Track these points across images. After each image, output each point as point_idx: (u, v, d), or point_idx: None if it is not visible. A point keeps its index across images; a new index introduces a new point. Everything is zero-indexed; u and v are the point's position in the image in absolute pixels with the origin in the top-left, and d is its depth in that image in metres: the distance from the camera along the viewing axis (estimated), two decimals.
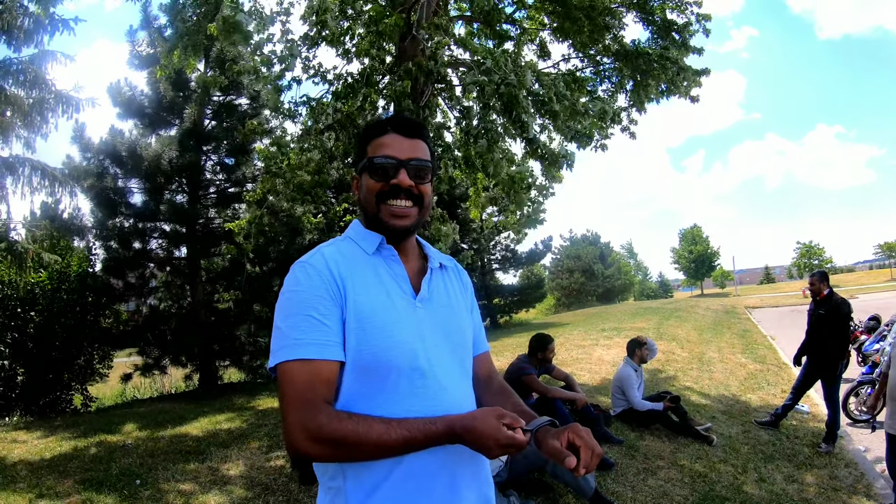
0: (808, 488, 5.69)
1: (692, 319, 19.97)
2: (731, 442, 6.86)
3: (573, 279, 50.70)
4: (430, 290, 1.61)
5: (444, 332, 1.58)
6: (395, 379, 1.44)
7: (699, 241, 68.51)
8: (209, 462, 5.93)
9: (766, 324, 20.02)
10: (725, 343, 14.76)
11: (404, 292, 1.55)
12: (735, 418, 7.94)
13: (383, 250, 1.58)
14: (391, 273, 1.56)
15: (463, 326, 1.68)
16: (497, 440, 1.34)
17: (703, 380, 10.19)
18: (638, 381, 7.13)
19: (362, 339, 1.43)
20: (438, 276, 1.69)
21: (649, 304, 32.31)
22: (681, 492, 5.33)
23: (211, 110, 13.67)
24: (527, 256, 30.14)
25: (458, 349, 1.62)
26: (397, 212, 1.57)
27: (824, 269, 7.35)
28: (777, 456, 6.57)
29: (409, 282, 1.58)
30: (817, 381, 7.27)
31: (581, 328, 17.48)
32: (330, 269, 1.48)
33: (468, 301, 1.79)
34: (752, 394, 9.42)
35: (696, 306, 26.31)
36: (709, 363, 11.80)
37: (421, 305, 1.56)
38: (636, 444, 6.50)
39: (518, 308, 30.22)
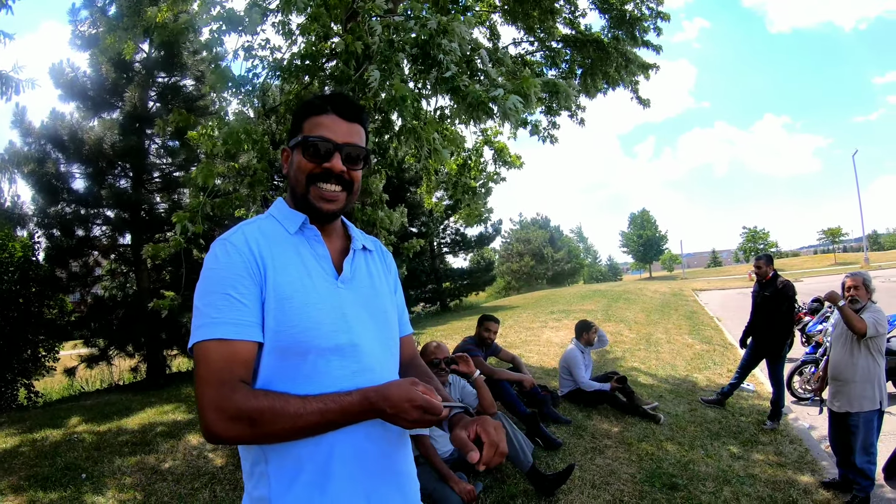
0: (754, 464, 5.93)
1: (640, 302, 20.44)
2: (678, 420, 7.10)
3: (523, 262, 51.38)
4: (352, 271, 1.63)
5: (367, 312, 1.60)
6: (315, 360, 1.45)
7: (648, 225, 70.22)
8: (155, 453, 5.84)
9: (712, 306, 20.68)
10: (673, 325, 15.19)
11: (326, 273, 1.57)
12: (682, 397, 8.22)
13: (306, 230, 1.60)
14: (313, 253, 1.58)
15: (386, 307, 1.70)
16: (412, 401, 1.35)
17: (650, 360, 10.50)
18: (585, 363, 7.32)
19: (281, 320, 1.43)
20: (361, 257, 1.71)
21: (598, 287, 32.87)
22: (628, 470, 5.49)
23: (155, 92, 13.30)
24: (477, 240, 30.37)
25: (382, 330, 1.64)
26: (327, 195, 1.59)
27: (770, 253, 7.66)
28: (723, 433, 6.83)
29: (332, 262, 1.60)
30: (762, 360, 7.65)
31: (530, 311, 17.72)
32: (250, 248, 1.48)
33: (392, 283, 1.81)
34: (698, 373, 9.76)
35: (644, 289, 26.90)
36: (656, 344, 12.17)
37: (343, 286, 1.58)
38: (584, 423, 6.67)
39: (468, 291, 30.44)
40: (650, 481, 5.27)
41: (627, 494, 4.99)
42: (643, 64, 9.00)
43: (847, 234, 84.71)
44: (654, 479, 5.32)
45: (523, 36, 9.29)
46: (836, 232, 77.65)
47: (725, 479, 5.46)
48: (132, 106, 12.54)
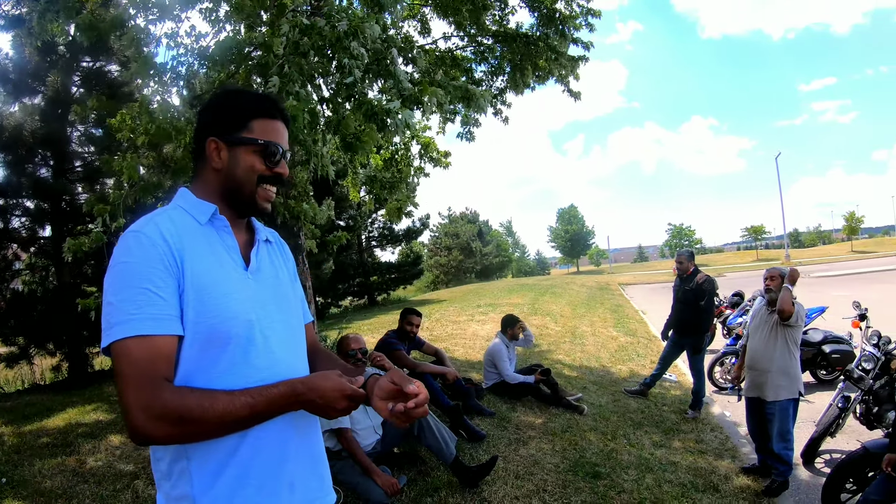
0: (676, 452, 6.18)
1: (567, 295, 20.86)
2: (602, 411, 7.31)
3: (451, 256, 51.70)
4: (258, 262, 1.66)
5: (275, 302, 1.63)
6: (234, 350, 1.46)
7: (575, 221, 71.69)
8: (77, 454, 5.63)
9: (638, 299, 21.31)
10: (598, 318, 15.58)
11: (236, 264, 1.58)
12: (605, 388, 8.46)
13: (216, 221, 1.60)
14: (223, 244, 1.59)
15: (291, 297, 1.75)
16: (343, 390, 1.42)
17: (575, 352, 10.75)
18: (510, 356, 7.46)
19: (201, 311, 1.43)
20: (265, 248, 1.74)
21: (526, 281, 33.36)
22: (552, 460, 5.62)
23: (79, 77, 12.71)
24: (404, 234, 30.34)
25: (290, 319, 1.69)
26: (270, 197, 1.68)
27: (691, 249, 7.96)
28: (646, 423, 7.08)
29: (240, 253, 1.62)
30: (683, 352, 7.99)
31: (457, 304, 17.86)
32: (165, 239, 1.46)
33: (291, 273, 1.85)
34: (622, 365, 10.07)
35: (571, 283, 27.43)
36: (581, 337, 12.45)
37: (252, 277, 1.60)
38: (508, 415, 6.78)
39: (396, 285, 30.43)
40: (573, 471, 5.40)
41: (551, 484, 5.10)
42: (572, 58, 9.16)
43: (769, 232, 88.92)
44: (578, 468, 5.46)
45: (454, 31, 9.31)
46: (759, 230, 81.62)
47: (648, 467, 5.65)
48: (55, 91, 11.99)
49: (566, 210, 74.05)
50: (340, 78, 5.63)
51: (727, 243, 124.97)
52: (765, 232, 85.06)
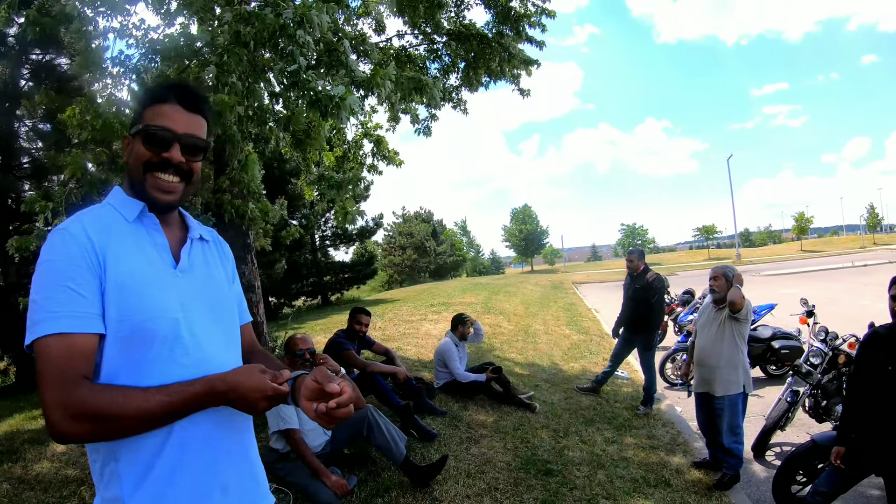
0: (628, 448, 6.24)
1: (521, 294, 21.01)
2: (554, 409, 7.35)
3: (406, 256, 51.77)
4: (189, 261, 1.64)
5: (206, 301, 1.61)
6: (158, 349, 1.44)
7: (529, 220, 72.24)
8: (22, 461, 5.44)
9: (591, 298, 21.58)
10: (551, 316, 15.73)
11: (165, 261, 1.57)
12: (557, 386, 8.52)
13: (144, 219, 1.59)
14: (152, 242, 1.58)
15: (225, 296, 1.73)
16: (263, 391, 1.41)
17: (527, 351, 10.81)
18: (460, 355, 7.45)
19: (123, 310, 1.42)
20: (199, 246, 1.72)
21: (480, 281, 33.52)
22: (503, 458, 5.62)
23: (28, 70, 12.32)
24: (358, 233, 30.25)
25: (222, 319, 1.67)
26: (164, 186, 1.59)
27: (641, 248, 8.08)
28: (597, 419, 7.13)
29: (170, 251, 1.61)
30: (634, 349, 8.11)
31: (411, 304, 17.81)
32: (89, 237, 1.45)
33: (229, 272, 1.84)
34: (574, 363, 10.16)
35: (525, 282, 27.62)
36: (534, 335, 12.54)
37: (181, 275, 1.58)
38: (459, 414, 6.76)
39: (349, 285, 30.31)
40: (525, 468, 5.41)
41: (502, 482, 5.10)
42: (525, 59, 9.21)
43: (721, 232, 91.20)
44: (529, 465, 5.47)
45: (408, 29, 9.29)
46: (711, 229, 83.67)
47: (599, 464, 5.70)
48: (2, 84, 11.67)
49: (520, 210, 74.51)
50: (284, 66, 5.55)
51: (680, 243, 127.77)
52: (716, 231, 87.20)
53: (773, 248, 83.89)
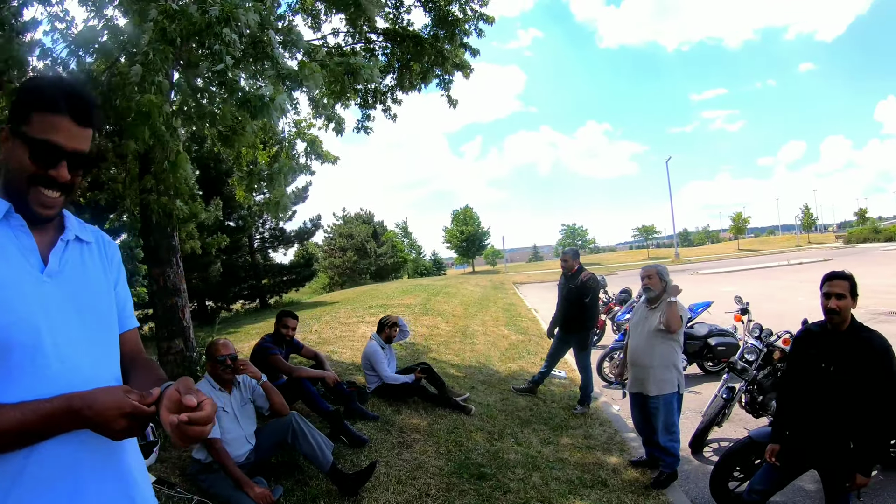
0: (564, 449, 6.18)
1: (460, 295, 21.00)
2: (489, 410, 7.25)
3: (346, 258, 51.47)
4: (60, 264, 1.53)
5: (76, 308, 1.51)
6: (19, 360, 1.34)
7: (470, 221, 72.66)
8: None
9: (531, 298, 21.72)
10: (490, 317, 15.73)
11: (31, 265, 1.46)
12: (494, 387, 8.43)
13: (11, 219, 1.48)
14: (17, 244, 1.47)
15: (101, 302, 1.62)
16: (121, 408, 1.30)
17: (465, 352, 10.72)
18: (388, 357, 7.32)
19: None
20: (75, 248, 1.61)
21: (420, 282, 33.52)
22: (436, 462, 5.48)
23: None
24: (296, 235, 30.04)
25: (96, 326, 1.56)
26: (46, 202, 1.50)
27: (575, 248, 8.07)
28: (534, 420, 7.07)
29: (39, 254, 1.50)
30: (569, 349, 8.08)
31: (349, 306, 17.60)
32: None
33: (112, 275, 1.72)
34: (512, 363, 10.12)
35: (465, 283, 27.70)
36: (472, 336, 12.48)
37: (49, 279, 1.48)
38: (392, 418, 6.60)
39: (288, 287, 29.94)
40: (458, 473, 5.29)
41: (434, 488, 4.97)
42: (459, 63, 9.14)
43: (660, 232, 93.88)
44: (463, 470, 5.35)
45: (346, 26, 9.14)
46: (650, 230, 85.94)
47: (535, 465, 5.61)
48: None
49: (461, 211, 74.78)
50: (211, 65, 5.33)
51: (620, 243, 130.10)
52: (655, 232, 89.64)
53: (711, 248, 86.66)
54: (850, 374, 3.55)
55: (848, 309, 3.62)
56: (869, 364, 3.50)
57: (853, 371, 3.54)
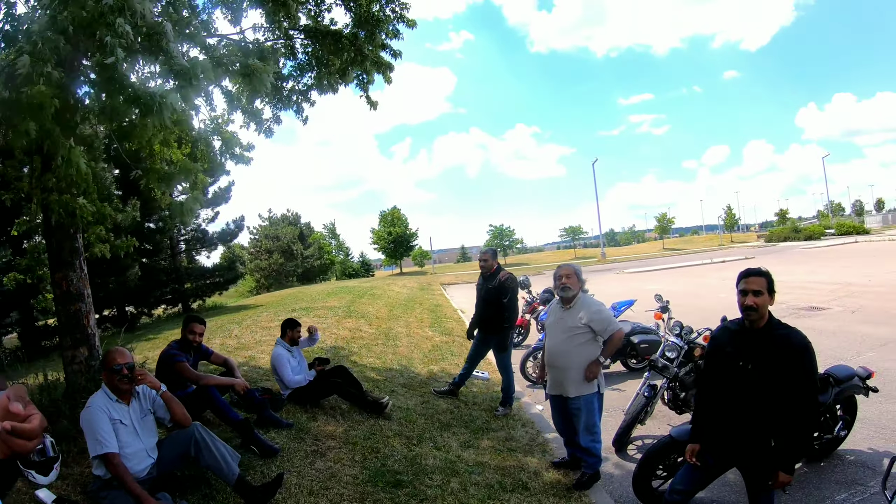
0: (484, 452, 6.05)
1: (386, 297, 20.82)
2: (409, 414, 7.08)
3: (272, 260, 50.81)
4: None
5: None
6: None
7: (398, 222, 72.57)
8: None
9: (458, 298, 21.69)
10: (415, 318, 15.61)
11: None
12: (415, 390, 8.27)
13: None
14: None
15: None
16: None
17: (387, 355, 10.52)
18: (296, 359, 7.14)
19: None
20: None
21: (347, 284, 33.22)
22: (350, 471, 5.28)
23: None
24: (219, 237, 29.29)
25: None
26: None
27: (494, 248, 7.99)
28: (454, 423, 6.93)
29: None
30: (489, 350, 7.97)
31: (272, 309, 17.26)
32: None
33: None
34: (434, 365, 9.99)
35: (393, 284, 27.57)
36: (395, 338, 12.31)
37: None
38: (307, 425, 6.35)
39: (212, 291, 29.01)
40: (373, 481, 5.10)
41: (347, 498, 4.77)
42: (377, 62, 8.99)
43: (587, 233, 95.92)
44: (378, 478, 5.17)
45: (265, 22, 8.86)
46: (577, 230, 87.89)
47: (454, 471, 5.47)
48: None
49: (389, 212, 74.57)
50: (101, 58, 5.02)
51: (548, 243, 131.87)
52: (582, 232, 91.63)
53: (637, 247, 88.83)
54: (768, 372, 3.51)
55: (765, 306, 3.58)
56: (787, 361, 3.47)
57: (772, 369, 3.50)
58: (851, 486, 5.11)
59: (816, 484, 5.15)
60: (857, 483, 5.17)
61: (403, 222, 73.34)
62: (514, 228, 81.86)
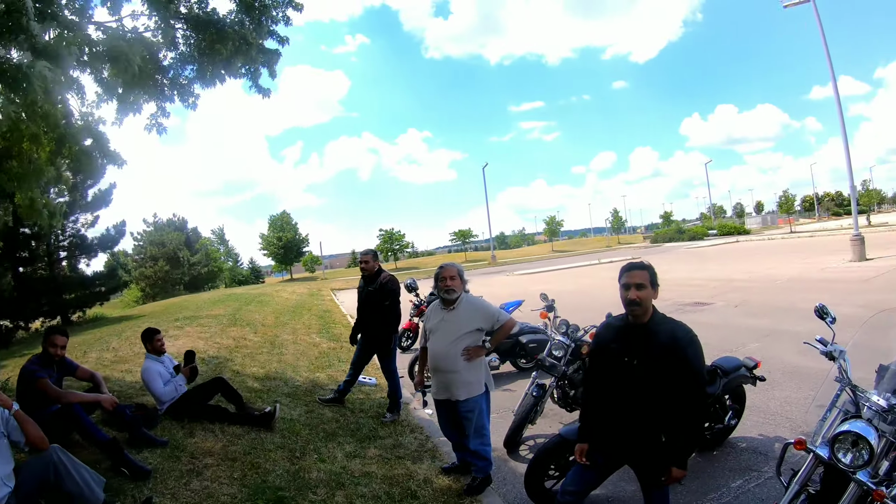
0: (372, 461, 5.81)
1: (274, 304, 20.35)
2: (292, 425, 6.73)
3: (158, 267, 49.03)
4: None
5: None
6: None
7: (288, 227, 71.67)
8: None
9: (348, 304, 21.36)
10: (302, 325, 15.27)
11: None
12: (300, 399, 7.92)
13: None
14: None
15: None
16: None
17: (271, 363, 10.11)
18: (166, 372, 6.77)
19: None
20: None
21: (235, 291, 32.44)
22: (229, 490, 4.93)
23: None
24: (99, 242, 27.73)
25: None
26: None
27: (375, 249, 7.77)
28: (340, 433, 6.66)
29: None
30: (374, 354, 7.73)
31: (156, 320, 16.43)
32: None
33: None
34: (321, 372, 9.68)
35: (282, 291, 27.07)
36: (281, 346, 11.93)
37: None
38: (183, 442, 5.92)
39: (94, 302, 27.26)
40: (253, 499, 4.79)
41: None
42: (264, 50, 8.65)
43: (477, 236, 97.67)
44: (258, 496, 4.85)
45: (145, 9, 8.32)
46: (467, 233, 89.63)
47: (339, 483, 5.22)
48: None
49: (278, 216, 73.56)
50: None
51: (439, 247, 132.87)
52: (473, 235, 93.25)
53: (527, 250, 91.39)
54: (654, 367, 3.44)
55: (648, 299, 3.50)
56: (673, 355, 3.40)
57: (658, 363, 3.43)
58: (746, 473, 5.24)
59: (711, 473, 5.23)
60: (751, 469, 5.31)
61: (293, 227, 72.62)
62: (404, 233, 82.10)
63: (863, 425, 3.14)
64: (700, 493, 4.89)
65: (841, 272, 19.59)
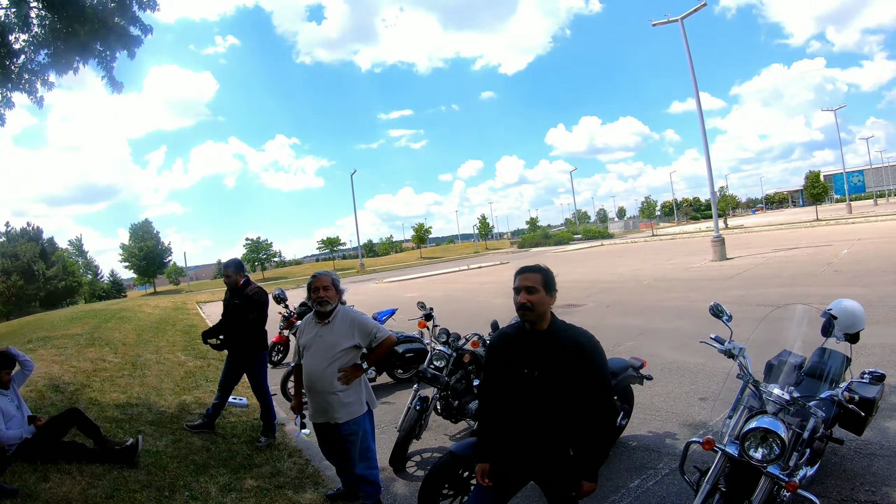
0: (249, 494, 5.35)
1: (136, 320, 19.33)
2: (159, 458, 6.08)
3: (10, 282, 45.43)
4: None
5: None
6: None
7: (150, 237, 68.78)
8: None
9: (214, 317, 20.35)
10: (166, 342, 14.44)
11: None
12: (165, 428, 7.24)
13: None
14: None
15: None
16: None
17: (133, 387, 9.30)
18: (13, 406, 5.90)
19: None
20: None
21: (95, 307, 30.61)
22: None
23: None
24: None
25: None
26: None
27: (238, 259, 7.29)
28: (212, 463, 6.10)
29: None
30: (242, 373, 7.19)
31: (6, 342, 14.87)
32: None
33: None
34: (187, 395, 9.03)
35: (144, 305, 25.80)
36: (143, 367, 11.10)
37: None
38: (36, 488, 5.17)
39: None
40: None
41: None
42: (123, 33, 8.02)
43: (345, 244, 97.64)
44: None
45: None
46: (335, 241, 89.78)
47: None
48: None
49: (139, 225, 70.18)
50: None
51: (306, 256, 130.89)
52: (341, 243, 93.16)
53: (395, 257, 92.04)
54: (557, 377, 3.22)
55: (543, 304, 3.27)
56: (577, 363, 3.20)
57: (561, 373, 3.22)
58: (642, 471, 5.26)
59: (608, 475, 5.15)
60: (647, 467, 5.34)
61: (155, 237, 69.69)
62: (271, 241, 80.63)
63: (770, 420, 3.19)
64: (599, 497, 4.76)
65: (704, 271, 20.73)
